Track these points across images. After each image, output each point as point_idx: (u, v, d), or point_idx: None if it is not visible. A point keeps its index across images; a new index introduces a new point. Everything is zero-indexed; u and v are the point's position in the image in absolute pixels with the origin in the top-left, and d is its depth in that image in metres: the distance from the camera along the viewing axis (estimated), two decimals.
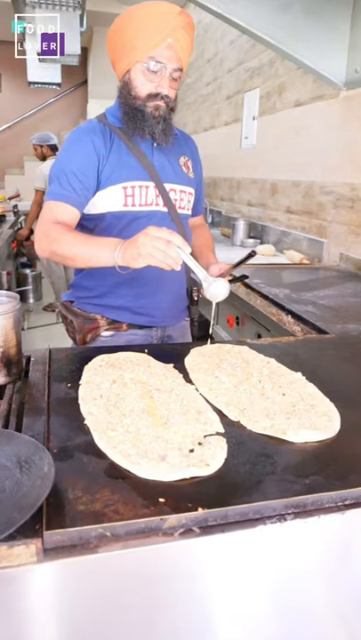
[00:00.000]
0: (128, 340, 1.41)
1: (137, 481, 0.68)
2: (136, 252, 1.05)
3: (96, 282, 1.40)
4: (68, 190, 1.25)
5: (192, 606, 0.64)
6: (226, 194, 4.19)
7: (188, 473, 0.69)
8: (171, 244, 1.03)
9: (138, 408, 0.87)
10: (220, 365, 1.08)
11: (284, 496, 0.65)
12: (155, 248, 1.03)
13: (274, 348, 1.22)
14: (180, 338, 1.54)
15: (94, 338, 1.40)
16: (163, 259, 1.03)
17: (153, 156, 1.36)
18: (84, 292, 1.43)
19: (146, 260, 1.05)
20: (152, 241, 1.03)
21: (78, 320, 1.40)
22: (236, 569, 0.65)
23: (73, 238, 1.19)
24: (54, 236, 1.20)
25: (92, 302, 1.41)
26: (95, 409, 0.86)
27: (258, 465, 0.73)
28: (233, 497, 0.65)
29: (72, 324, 1.42)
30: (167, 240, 1.03)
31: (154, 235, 1.04)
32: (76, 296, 1.45)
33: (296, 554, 0.67)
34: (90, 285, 1.41)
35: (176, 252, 1.04)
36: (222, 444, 0.77)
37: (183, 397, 0.92)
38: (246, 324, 2.05)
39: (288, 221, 3.01)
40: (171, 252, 1.03)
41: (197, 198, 1.56)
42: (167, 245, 1.02)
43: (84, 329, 1.39)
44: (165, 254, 1.03)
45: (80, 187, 1.26)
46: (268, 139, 3.24)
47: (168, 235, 1.04)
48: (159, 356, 1.12)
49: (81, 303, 1.43)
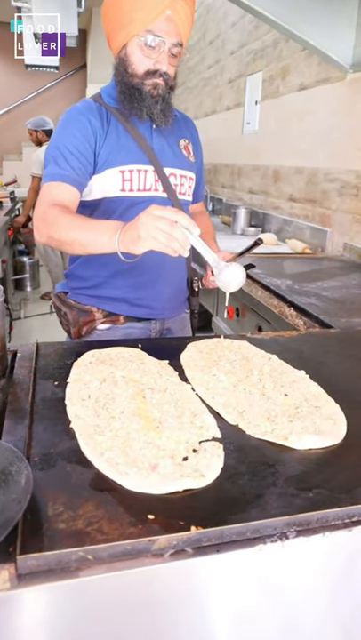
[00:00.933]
0: (125, 334, 1.34)
1: (124, 494, 0.62)
2: (136, 234, 0.94)
3: (91, 271, 1.33)
4: (67, 170, 1.17)
5: (185, 633, 0.59)
6: (227, 181, 4.09)
7: (180, 485, 0.63)
8: (176, 224, 0.91)
9: (128, 410, 0.81)
10: (219, 362, 1.02)
11: (285, 513, 0.59)
12: (157, 229, 0.91)
13: (275, 344, 1.16)
14: (180, 331, 1.47)
15: (90, 331, 1.33)
16: (167, 242, 0.91)
17: (152, 138, 1.28)
18: (79, 283, 1.36)
19: (147, 243, 0.93)
20: (154, 221, 0.91)
21: (73, 312, 1.33)
22: (233, 591, 0.59)
23: (70, 221, 1.09)
24: (51, 219, 1.11)
25: (87, 293, 1.35)
26: (82, 411, 0.80)
27: (257, 475, 0.66)
28: (230, 513, 0.59)
29: (66, 316, 1.35)
30: (172, 220, 0.91)
31: (157, 214, 0.92)
32: (71, 287, 1.39)
33: (298, 573, 0.61)
34: (85, 275, 1.34)
35: (182, 234, 0.91)
36: (219, 451, 0.71)
37: (178, 398, 0.86)
38: (247, 315, 1.98)
39: (290, 209, 2.93)
40: (176, 234, 0.91)
41: (198, 184, 1.49)
42: (172, 226, 0.90)
43: (78, 322, 1.32)
44: (170, 236, 0.91)
45: (79, 166, 1.18)
46: (271, 124, 3.14)
47: (173, 214, 0.92)
48: (154, 352, 1.06)
49: (76, 294, 1.36)
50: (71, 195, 1.17)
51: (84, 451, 0.70)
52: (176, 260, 1.35)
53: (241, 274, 1.10)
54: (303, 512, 0.59)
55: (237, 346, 1.11)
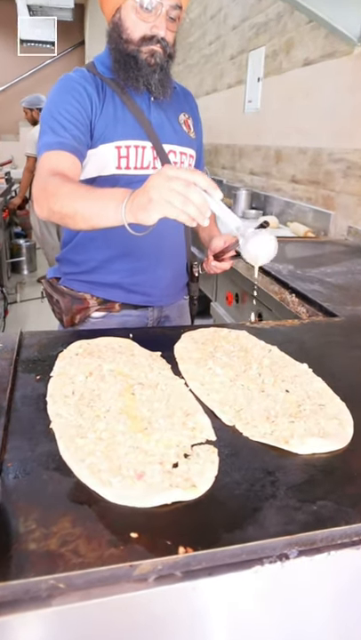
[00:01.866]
0: (121, 322, 1.27)
1: (106, 507, 0.55)
2: (146, 198, 0.81)
3: (85, 255, 1.25)
4: (66, 138, 1.07)
5: None
6: (227, 162, 3.98)
7: (169, 497, 0.56)
8: (193, 186, 0.77)
9: (115, 408, 0.74)
10: (215, 354, 0.94)
11: (286, 531, 0.52)
12: (171, 191, 0.77)
13: (276, 333, 1.09)
14: (178, 318, 1.40)
15: (83, 319, 1.26)
16: (182, 206, 0.77)
17: (150, 111, 1.19)
18: (72, 268, 1.28)
19: (159, 208, 0.79)
20: (168, 182, 0.77)
21: (65, 300, 1.26)
22: (226, 615, 0.53)
23: (72, 191, 0.96)
24: (52, 189, 0.98)
25: (80, 279, 1.27)
26: (64, 409, 0.73)
27: (255, 485, 0.60)
28: (224, 530, 0.52)
29: (58, 304, 1.28)
30: (188, 181, 0.77)
31: (170, 174, 0.78)
32: (63, 272, 1.31)
33: (298, 595, 0.55)
34: (78, 260, 1.27)
35: (201, 198, 0.77)
36: (213, 456, 0.64)
37: (169, 394, 0.79)
38: (246, 301, 1.91)
39: (293, 191, 2.83)
40: (194, 197, 0.76)
41: (198, 162, 1.40)
42: (188, 188, 0.77)
43: (71, 310, 1.25)
44: (186, 200, 0.76)
45: (77, 134, 1.08)
46: (274, 102, 3.03)
47: (190, 174, 0.78)
48: (146, 342, 0.99)
49: (68, 280, 1.29)
50: (72, 164, 1.06)
51: (63, 456, 0.63)
52: (175, 243, 1.27)
53: (271, 243, 0.93)
54: (306, 530, 0.52)
55: (235, 336, 1.04)
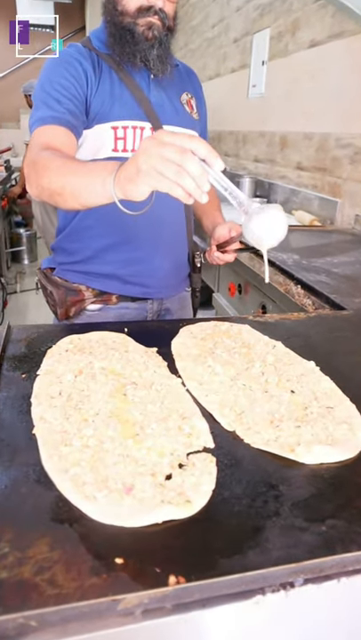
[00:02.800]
0: (118, 315, 1.20)
1: (90, 526, 0.49)
2: (135, 168, 0.69)
3: (79, 244, 1.18)
4: (60, 112, 0.99)
5: None
6: (231, 149, 3.89)
7: (159, 516, 0.50)
8: (190, 153, 0.65)
9: (105, 411, 0.68)
10: (215, 351, 0.88)
11: (291, 556, 0.46)
12: (163, 159, 0.65)
13: (281, 328, 1.02)
14: (180, 311, 1.33)
15: (79, 312, 1.20)
16: (175, 177, 0.65)
17: (149, 90, 1.12)
18: (66, 257, 1.22)
19: (148, 179, 0.68)
20: (159, 148, 0.65)
21: (59, 291, 1.19)
22: None
23: (62, 165, 0.87)
24: (41, 164, 0.90)
25: (74, 269, 1.20)
26: (50, 412, 0.67)
27: (257, 500, 0.53)
28: (221, 555, 0.46)
29: (52, 295, 1.21)
30: (184, 148, 0.65)
31: (164, 139, 0.66)
32: (58, 262, 1.24)
33: (304, 625, 0.49)
34: (72, 249, 1.20)
35: (199, 168, 0.65)
36: (210, 466, 0.58)
37: (165, 395, 0.73)
38: (250, 292, 1.84)
39: (298, 179, 2.75)
40: (189, 167, 0.64)
41: None
42: (184, 156, 0.64)
43: (65, 302, 1.18)
44: (180, 170, 0.64)
45: (73, 108, 1.01)
46: (279, 86, 2.93)
47: (187, 140, 0.66)
48: (141, 337, 0.92)
49: (63, 270, 1.22)
50: (67, 139, 0.98)
51: (45, 465, 0.57)
52: (175, 231, 1.20)
53: (279, 221, 0.78)
54: (314, 556, 0.46)
55: (237, 330, 0.98)
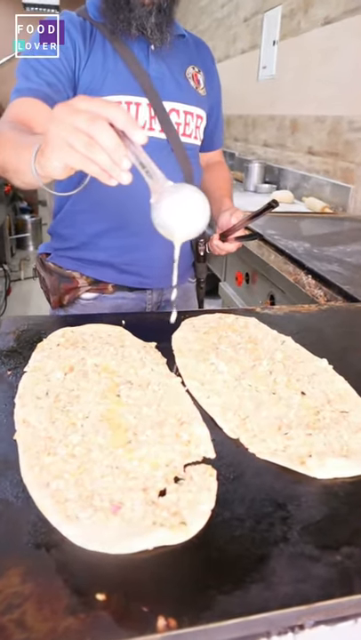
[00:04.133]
0: (115, 305, 1.14)
1: (69, 552, 0.43)
2: (45, 140, 0.61)
3: (73, 229, 1.11)
4: (38, 84, 0.92)
5: None
6: (240, 133, 3.78)
7: (150, 541, 0.44)
8: (101, 121, 0.54)
9: (95, 413, 0.61)
10: (219, 346, 0.81)
11: (300, 593, 0.40)
12: (73, 130, 0.55)
13: (290, 321, 0.95)
14: (183, 303, 1.25)
15: (72, 300, 1.13)
16: (86, 150, 0.55)
17: (148, 62, 1.03)
18: (61, 243, 1.15)
19: (57, 153, 0.58)
20: (71, 116, 0.55)
21: (52, 278, 1.13)
22: None
23: (10, 139, 0.78)
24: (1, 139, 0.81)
25: (68, 255, 1.13)
26: (34, 414, 0.61)
27: (262, 522, 0.47)
28: (219, 591, 0.40)
29: (44, 282, 1.15)
30: (96, 114, 0.55)
31: (78, 105, 0.56)
32: (53, 247, 1.17)
33: None
34: (66, 234, 1.13)
35: (113, 140, 0.54)
36: (210, 481, 0.51)
37: (162, 397, 0.66)
38: (257, 282, 1.76)
39: (309, 164, 2.65)
40: (101, 138, 0.54)
41: (214, 125, 1.22)
42: (94, 124, 0.54)
43: (59, 289, 1.12)
44: (91, 142, 0.54)
45: (53, 80, 0.94)
46: (290, 67, 2.82)
47: (102, 106, 0.56)
48: (140, 330, 0.86)
49: (58, 256, 1.15)
50: (40, 112, 0.89)
51: (25, 478, 0.51)
52: None
53: (194, 205, 0.63)
54: (327, 594, 0.40)
55: (243, 324, 0.91)
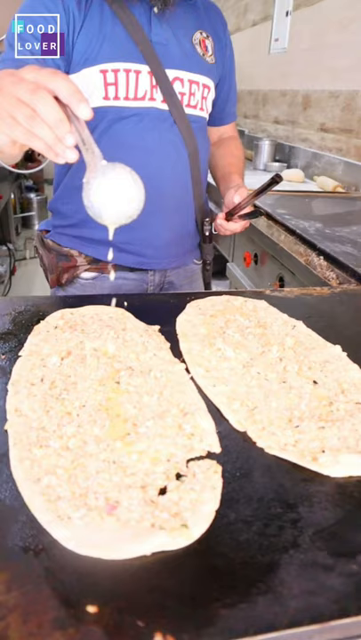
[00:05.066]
0: (115, 286, 1.09)
1: (59, 557, 0.39)
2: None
3: (72, 206, 1.06)
4: (23, 54, 0.86)
5: None
6: (250, 110, 3.67)
7: (148, 546, 0.40)
8: (42, 92, 0.52)
9: (93, 402, 0.57)
10: (226, 330, 0.77)
11: (312, 608, 0.36)
12: (16, 101, 0.53)
13: (302, 304, 0.90)
14: (187, 286, 1.20)
15: (71, 280, 1.08)
16: (28, 124, 0.53)
17: (150, 27, 0.96)
18: (60, 220, 1.10)
19: (1, 125, 0.56)
20: (15, 86, 0.53)
21: (50, 256, 1.09)
22: None
23: None
24: None
25: (67, 233, 1.09)
26: (27, 402, 0.57)
27: (271, 525, 0.43)
28: (223, 604, 0.36)
29: (42, 259, 1.11)
30: (37, 85, 0.53)
31: (24, 75, 0.54)
32: (52, 224, 1.13)
33: None
34: (65, 210, 1.08)
35: (54, 113, 0.52)
36: (215, 478, 0.47)
37: (165, 385, 0.62)
38: (266, 263, 1.71)
39: (321, 141, 2.56)
40: (42, 110, 0.52)
41: (225, 97, 1.16)
42: (34, 95, 0.52)
43: (57, 267, 1.08)
44: (33, 115, 0.52)
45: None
46: (304, 39, 2.71)
47: (45, 76, 0.54)
48: (143, 312, 0.81)
49: (57, 234, 1.10)
50: None
51: (14, 472, 0.47)
52: (179, 194, 1.06)
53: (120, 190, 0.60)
54: (342, 610, 0.36)
55: (252, 307, 0.86)
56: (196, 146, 1.04)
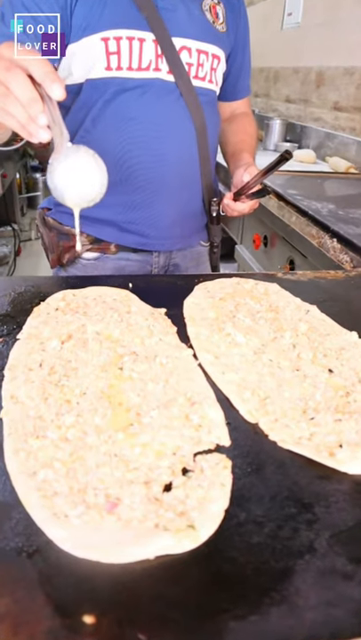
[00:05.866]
0: (118, 267, 1.05)
1: (55, 560, 0.36)
2: None
3: None
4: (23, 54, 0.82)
5: None
6: (261, 88, 3.57)
7: (152, 549, 0.37)
8: (16, 70, 0.54)
9: (94, 389, 0.54)
10: (236, 315, 0.73)
11: (330, 622, 0.33)
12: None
13: (315, 288, 0.86)
14: (193, 268, 1.15)
15: (72, 260, 1.04)
16: (1, 102, 0.55)
17: None
18: None
19: None
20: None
21: (51, 235, 1.04)
22: None
23: None
24: None
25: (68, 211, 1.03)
26: (24, 389, 0.54)
27: (285, 527, 0.40)
28: (232, 615, 0.33)
29: (43, 238, 1.07)
30: (11, 64, 0.54)
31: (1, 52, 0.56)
32: (53, 202, 1.08)
33: None
34: None
35: (27, 92, 0.54)
36: (224, 474, 0.44)
37: (170, 372, 0.58)
38: (276, 245, 1.66)
39: (334, 121, 2.48)
40: (15, 88, 0.54)
41: (238, 70, 1.09)
42: (9, 73, 0.53)
43: (57, 247, 1.03)
44: (6, 93, 0.54)
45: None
46: (318, 13, 2.61)
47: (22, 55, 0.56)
48: (148, 294, 0.77)
49: (58, 212, 1.06)
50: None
51: (8, 465, 0.44)
52: (185, 172, 1.01)
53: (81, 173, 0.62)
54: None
55: (264, 290, 0.82)
56: (204, 121, 0.98)
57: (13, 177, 3.46)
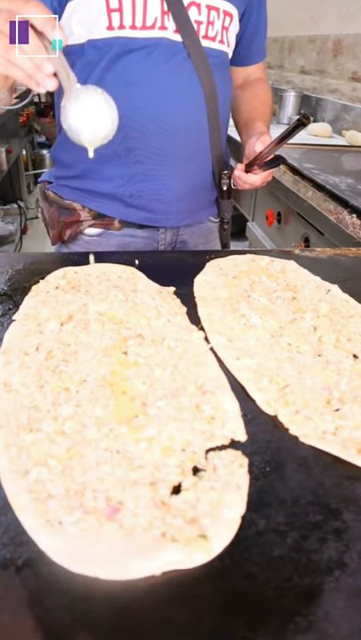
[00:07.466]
0: (122, 244, 0.98)
1: (47, 575, 0.31)
2: None
3: (74, 155, 0.93)
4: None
5: None
6: (275, 59, 3.44)
7: (158, 563, 0.32)
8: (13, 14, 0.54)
9: (95, 376, 0.49)
10: (251, 294, 0.67)
11: None
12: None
13: (336, 266, 0.80)
14: (202, 245, 1.07)
15: (74, 236, 0.98)
16: (6, 53, 0.55)
17: None
18: (63, 170, 0.98)
19: None
20: None
21: (51, 209, 0.98)
22: None
23: None
24: None
25: (70, 185, 0.97)
26: (19, 375, 0.49)
27: (310, 537, 0.35)
28: None
29: (43, 213, 1.01)
30: (10, 13, 0.55)
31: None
32: (55, 175, 1.01)
33: None
34: (66, 160, 0.96)
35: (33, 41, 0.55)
36: (240, 474, 0.39)
37: (180, 356, 0.53)
38: (291, 222, 1.59)
39: (352, 92, 2.37)
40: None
41: (253, 31, 0.99)
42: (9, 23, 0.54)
43: (58, 222, 0.97)
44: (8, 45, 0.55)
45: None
46: None
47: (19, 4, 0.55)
48: (156, 272, 0.72)
49: (59, 185, 0.99)
50: None
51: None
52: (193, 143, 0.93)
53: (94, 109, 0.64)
54: None
55: (280, 268, 0.76)
56: (214, 85, 0.90)
57: (19, 153, 3.39)
